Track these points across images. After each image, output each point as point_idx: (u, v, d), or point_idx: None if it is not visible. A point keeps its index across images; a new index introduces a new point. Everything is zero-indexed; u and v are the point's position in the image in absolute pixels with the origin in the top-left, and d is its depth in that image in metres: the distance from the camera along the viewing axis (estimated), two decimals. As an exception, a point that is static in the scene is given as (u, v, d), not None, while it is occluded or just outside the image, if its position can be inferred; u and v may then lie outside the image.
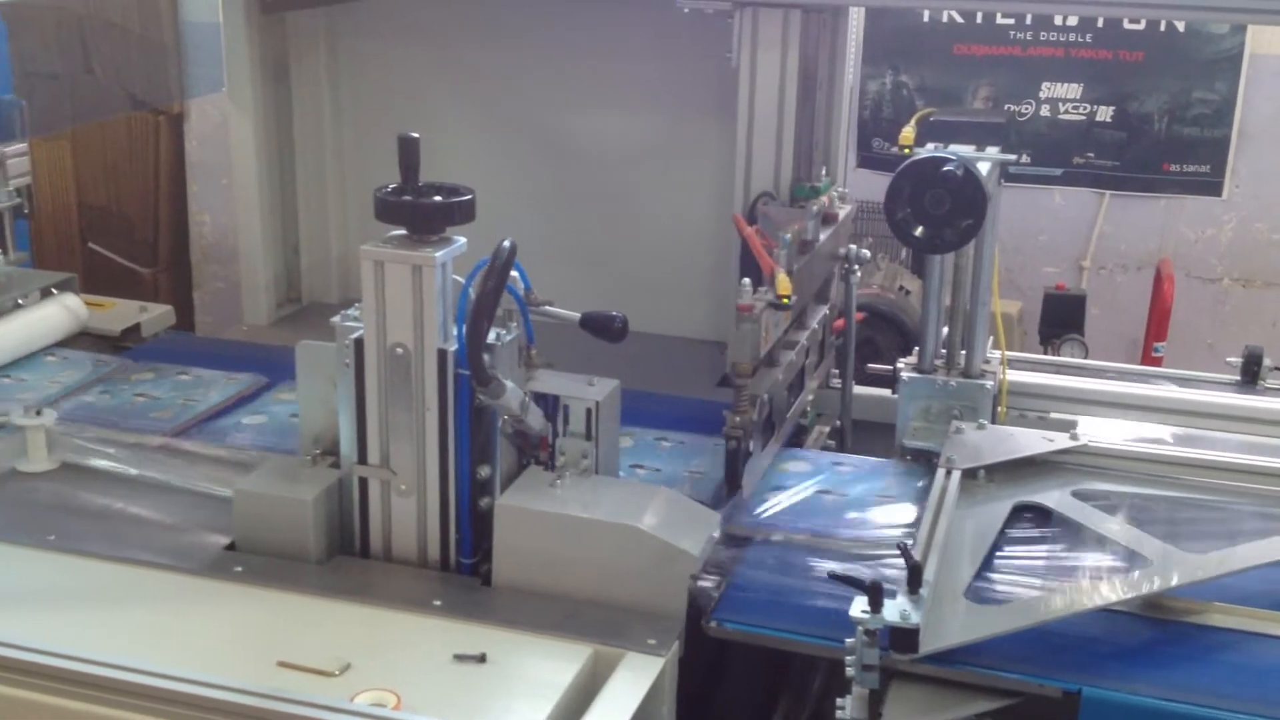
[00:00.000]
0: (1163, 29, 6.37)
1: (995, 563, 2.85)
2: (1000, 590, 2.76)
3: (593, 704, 2.38)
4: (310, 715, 2.24)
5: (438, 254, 2.67)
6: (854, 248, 3.88)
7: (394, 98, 4.91)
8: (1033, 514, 3.06)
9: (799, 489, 3.23)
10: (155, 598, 2.70)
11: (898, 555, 2.54)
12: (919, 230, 3.10)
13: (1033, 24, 6.54)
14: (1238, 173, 6.50)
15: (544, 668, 2.47)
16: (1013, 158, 3.35)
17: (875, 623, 2.38)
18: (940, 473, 3.08)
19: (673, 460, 3.40)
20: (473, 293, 2.66)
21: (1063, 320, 6.08)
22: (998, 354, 3.51)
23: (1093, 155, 6.65)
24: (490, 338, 2.68)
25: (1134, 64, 6.48)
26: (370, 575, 2.82)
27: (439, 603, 2.69)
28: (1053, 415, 3.53)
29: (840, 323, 4.02)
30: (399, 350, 2.73)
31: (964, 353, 3.47)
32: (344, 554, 2.88)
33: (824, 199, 3.89)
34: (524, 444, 2.89)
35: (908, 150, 3.29)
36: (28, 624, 2.53)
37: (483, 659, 2.47)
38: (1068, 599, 2.64)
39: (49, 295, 4.16)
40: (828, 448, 3.83)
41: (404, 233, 2.72)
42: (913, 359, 3.51)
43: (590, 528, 2.71)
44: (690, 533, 2.77)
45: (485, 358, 2.64)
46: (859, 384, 4.04)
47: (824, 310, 3.97)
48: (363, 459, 2.83)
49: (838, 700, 2.46)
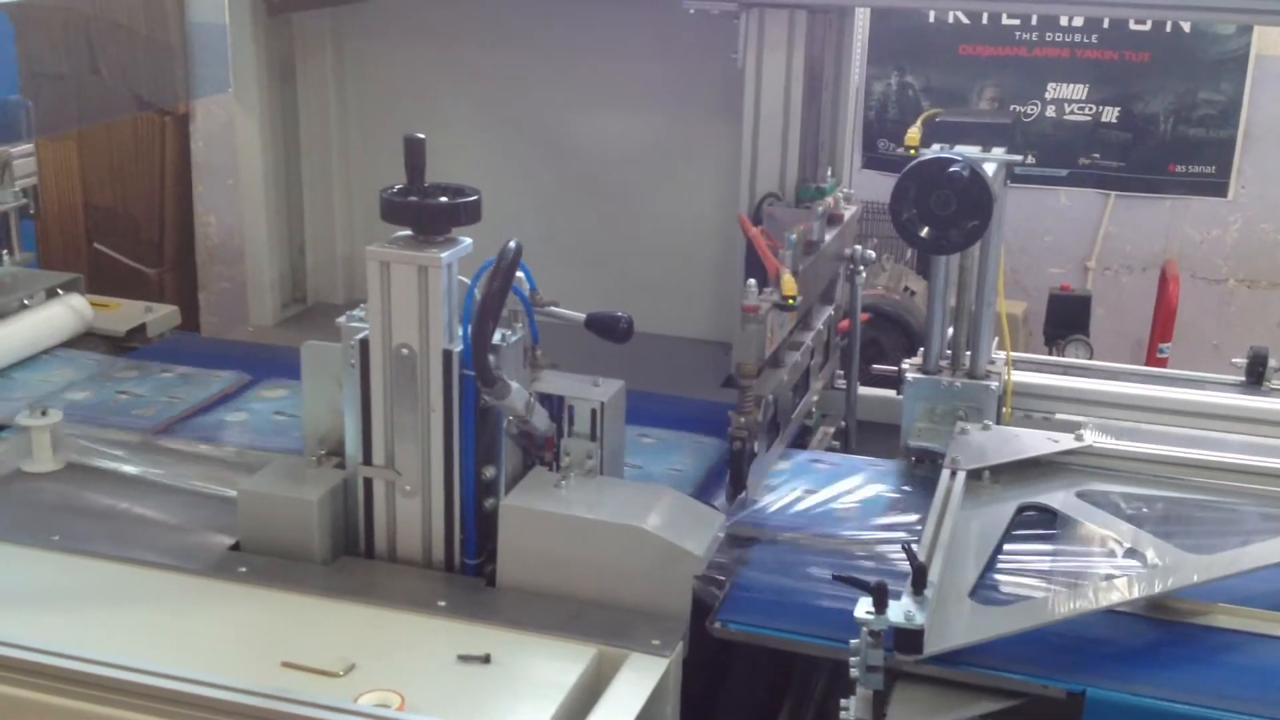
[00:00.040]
0: (1168, 30, 6.36)
1: (1000, 564, 2.84)
2: (1005, 591, 2.76)
3: (597, 704, 2.38)
4: (314, 716, 2.24)
5: (443, 255, 2.67)
6: (859, 248, 3.88)
7: (400, 98, 4.91)
8: (1037, 515, 3.06)
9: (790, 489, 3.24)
10: (160, 598, 2.70)
11: (902, 555, 2.54)
12: (925, 231, 3.09)
13: (1038, 25, 6.53)
14: (1243, 173, 6.48)
15: (548, 668, 2.47)
16: (1019, 159, 3.34)
17: (880, 623, 2.38)
18: (945, 474, 3.07)
19: (653, 457, 3.39)
20: (478, 293, 2.66)
21: (1068, 321, 6.06)
22: (1003, 355, 3.50)
23: (1098, 156, 6.64)
24: (495, 338, 2.68)
25: (1140, 65, 6.47)
26: (375, 576, 2.82)
27: (443, 603, 2.69)
28: (1058, 416, 3.53)
29: (845, 323, 4.02)
30: (404, 351, 2.73)
31: (969, 353, 3.47)
32: (349, 554, 2.89)
33: (829, 200, 3.89)
34: (529, 444, 2.89)
35: (913, 151, 3.28)
36: (32, 624, 2.53)
37: (487, 659, 2.47)
38: (1072, 600, 2.63)
39: (55, 296, 4.16)
40: (833, 448, 3.83)
41: (409, 233, 2.73)
42: (918, 360, 3.50)
43: (595, 528, 2.71)
44: (695, 533, 2.78)
45: (490, 358, 2.64)
46: (864, 385, 4.04)
47: (829, 311, 3.97)
48: (368, 459, 2.83)
49: (842, 701, 2.45)
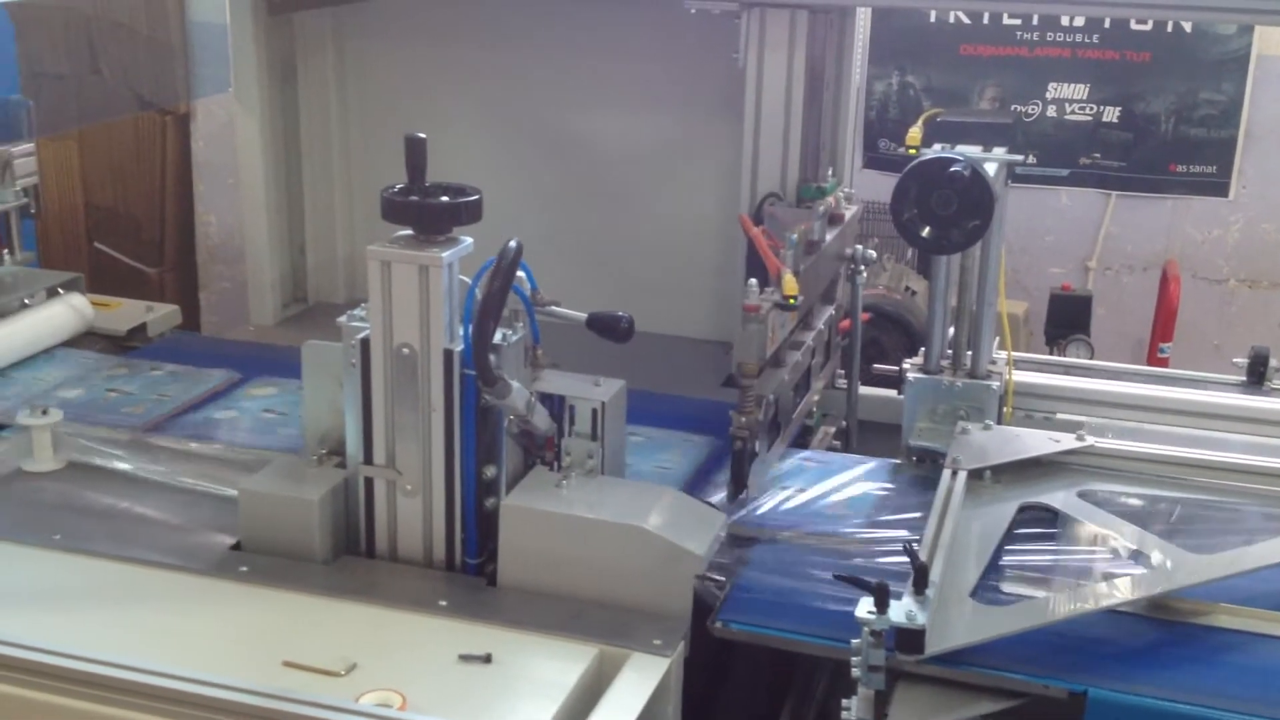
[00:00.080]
0: (1170, 30, 6.35)
1: (1001, 563, 2.84)
2: (1006, 591, 2.75)
3: (598, 704, 2.37)
4: (316, 715, 2.24)
5: (444, 254, 2.67)
6: (860, 248, 3.88)
7: (401, 98, 4.90)
8: (1039, 515, 3.05)
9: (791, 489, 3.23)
10: (161, 597, 2.70)
11: (903, 555, 2.54)
12: (926, 231, 3.09)
13: (1039, 24, 6.53)
14: (1244, 173, 6.48)
15: (549, 668, 2.47)
16: (1020, 158, 3.34)
17: (881, 623, 2.37)
18: (946, 473, 3.07)
19: (641, 455, 3.36)
20: (479, 293, 2.66)
21: (1069, 321, 6.07)
22: (1004, 355, 3.50)
23: (1099, 156, 6.63)
24: (496, 338, 2.68)
25: (1141, 65, 6.47)
26: (376, 575, 2.82)
27: (444, 603, 2.69)
28: (1059, 416, 3.53)
29: (846, 323, 4.02)
30: (405, 350, 2.73)
31: (970, 353, 3.46)
32: (349, 554, 2.89)
33: (830, 199, 3.89)
34: (530, 444, 2.89)
35: (914, 151, 3.28)
36: (33, 623, 2.53)
37: (488, 659, 2.47)
38: (1074, 600, 2.63)
39: (55, 295, 4.15)
40: (834, 448, 3.83)
41: (410, 233, 2.73)
42: (919, 360, 3.50)
43: (596, 528, 2.71)
44: (696, 533, 2.78)
45: (491, 358, 2.64)
46: (865, 385, 4.04)
47: (830, 311, 3.97)
48: (368, 459, 2.83)
49: (843, 701, 2.45)
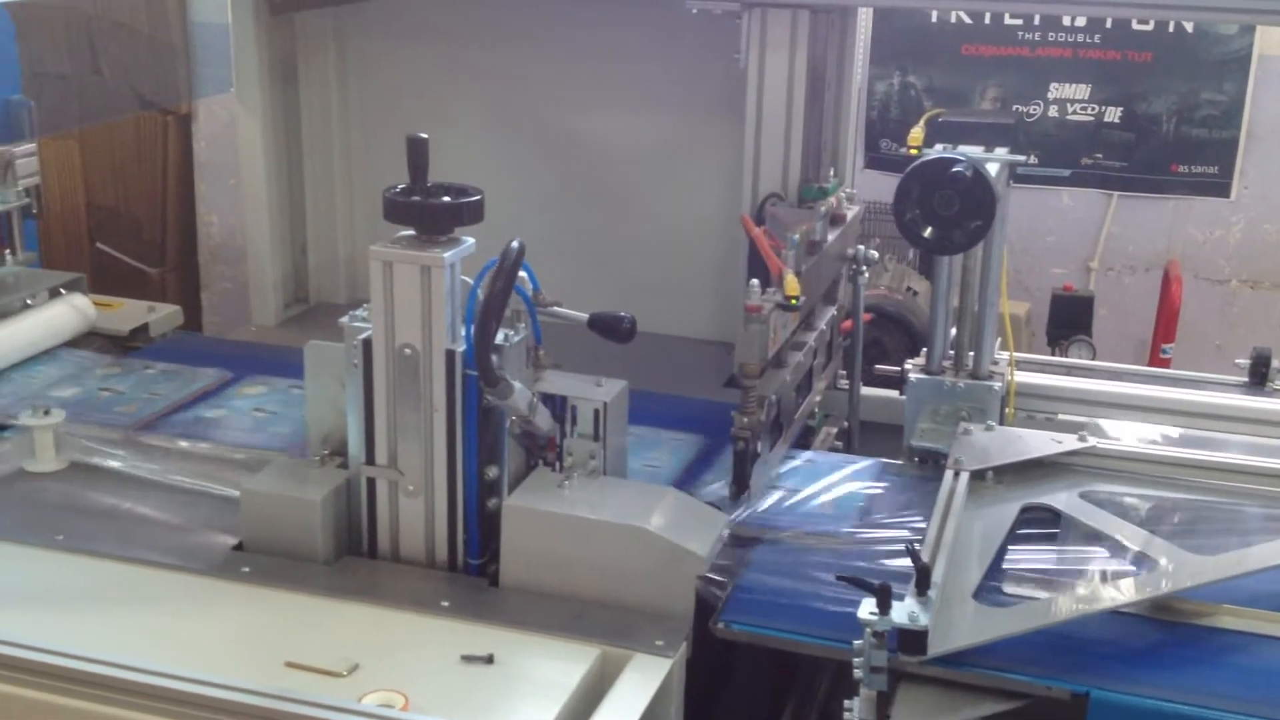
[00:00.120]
0: (1171, 30, 6.36)
1: (1003, 564, 2.84)
2: (1008, 592, 2.75)
3: (600, 705, 2.37)
4: (318, 716, 2.24)
5: (446, 254, 2.67)
6: (862, 249, 3.88)
7: (402, 98, 4.90)
8: (1041, 515, 3.05)
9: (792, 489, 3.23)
10: (163, 598, 2.70)
11: (905, 556, 2.54)
12: (928, 231, 3.09)
13: (1041, 25, 6.53)
14: (1246, 174, 6.48)
15: (551, 668, 2.47)
16: (1022, 159, 3.34)
17: (883, 624, 2.37)
18: (948, 474, 3.07)
19: (629, 453, 3.34)
20: (481, 293, 2.66)
21: (1070, 321, 6.07)
22: (1006, 355, 3.50)
23: (1101, 156, 6.63)
24: (498, 338, 2.68)
25: (1142, 65, 6.47)
26: (378, 576, 2.82)
27: (446, 603, 2.69)
28: (1061, 417, 3.52)
29: (848, 324, 4.02)
30: (407, 351, 2.73)
31: (972, 354, 3.46)
32: (352, 554, 2.89)
33: (832, 200, 3.89)
34: (532, 445, 2.89)
35: (916, 151, 3.28)
36: (35, 624, 2.53)
37: (490, 660, 2.47)
38: (1076, 601, 2.63)
39: (57, 295, 4.16)
40: (835, 449, 3.83)
41: (412, 233, 2.73)
42: (920, 360, 3.50)
43: (598, 529, 2.71)
44: (698, 533, 2.77)
45: (493, 358, 2.64)
46: (867, 385, 4.04)
47: (832, 311, 3.97)
48: (370, 459, 2.83)
49: (845, 702, 2.45)
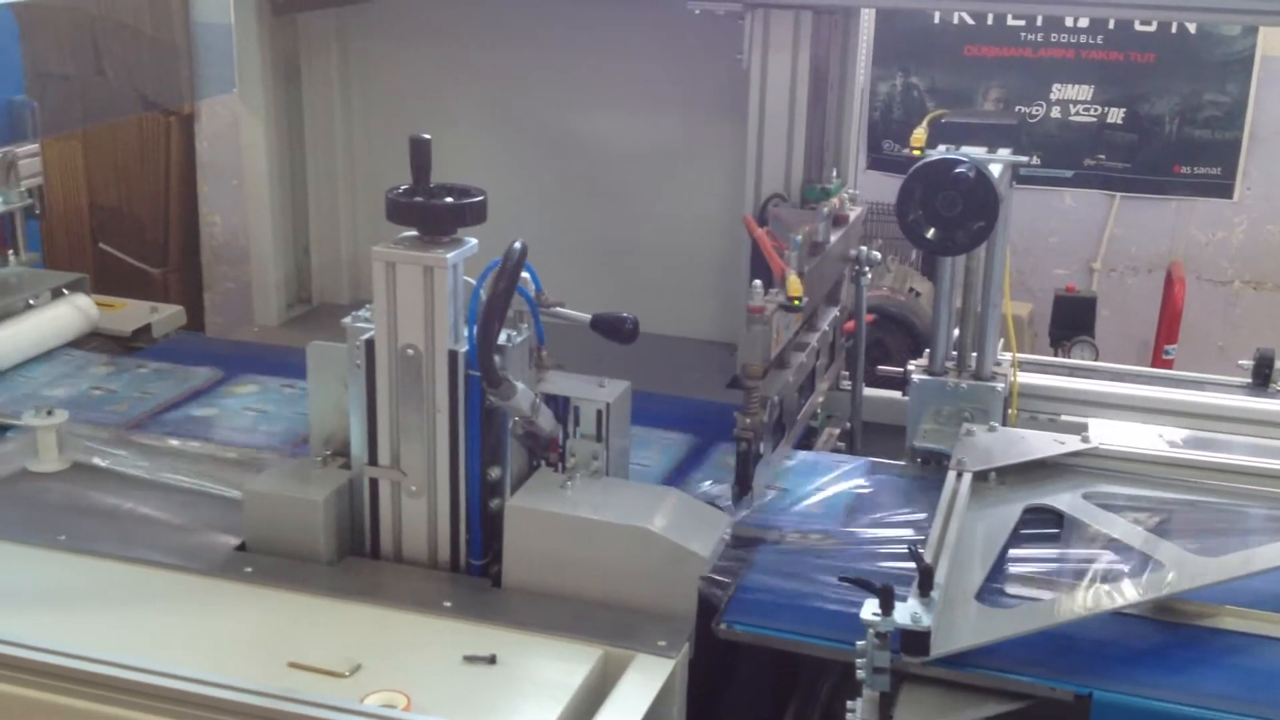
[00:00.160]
0: (1174, 31, 6.36)
1: (1006, 565, 2.84)
2: (1011, 593, 2.75)
3: (603, 705, 2.37)
4: (320, 716, 2.24)
5: (449, 255, 2.67)
6: (864, 249, 3.88)
7: (405, 99, 4.91)
8: (1044, 516, 3.05)
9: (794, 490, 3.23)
10: (166, 598, 2.71)
11: (908, 557, 2.53)
12: (931, 232, 3.09)
13: (1043, 26, 6.53)
14: (1249, 175, 6.48)
15: (554, 669, 2.47)
16: (1025, 160, 3.33)
17: (886, 625, 2.37)
18: (951, 475, 3.07)
19: None
20: (484, 294, 2.66)
21: (1073, 322, 6.07)
22: (1008, 356, 3.50)
23: (1104, 157, 6.63)
24: (501, 339, 2.68)
25: (1145, 66, 6.47)
26: (380, 576, 2.82)
27: (449, 604, 2.69)
28: (1064, 418, 3.52)
29: (851, 325, 4.02)
30: (410, 351, 2.73)
31: (975, 355, 3.46)
32: (354, 555, 2.89)
33: (835, 201, 3.89)
34: (534, 445, 2.89)
35: (919, 152, 3.28)
36: (38, 624, 2.53)
37: (493, 660, 2.47)
38: (1079, 602, 2.63)
39: (60, 295, 4.16)
40: (838, 450, 3.83)
41: (415, 234, 2.73)
42: (923, 361, 3.50)
43: (600, 529, 2.71)
44: (700, 534, 2.77)
45: (496, 359, 2.64)
46: (869, 386, 4.04)
47: (834, 312, 3.97)
48: (373, 460, 2.83)
49: (848, 703, 2.45)
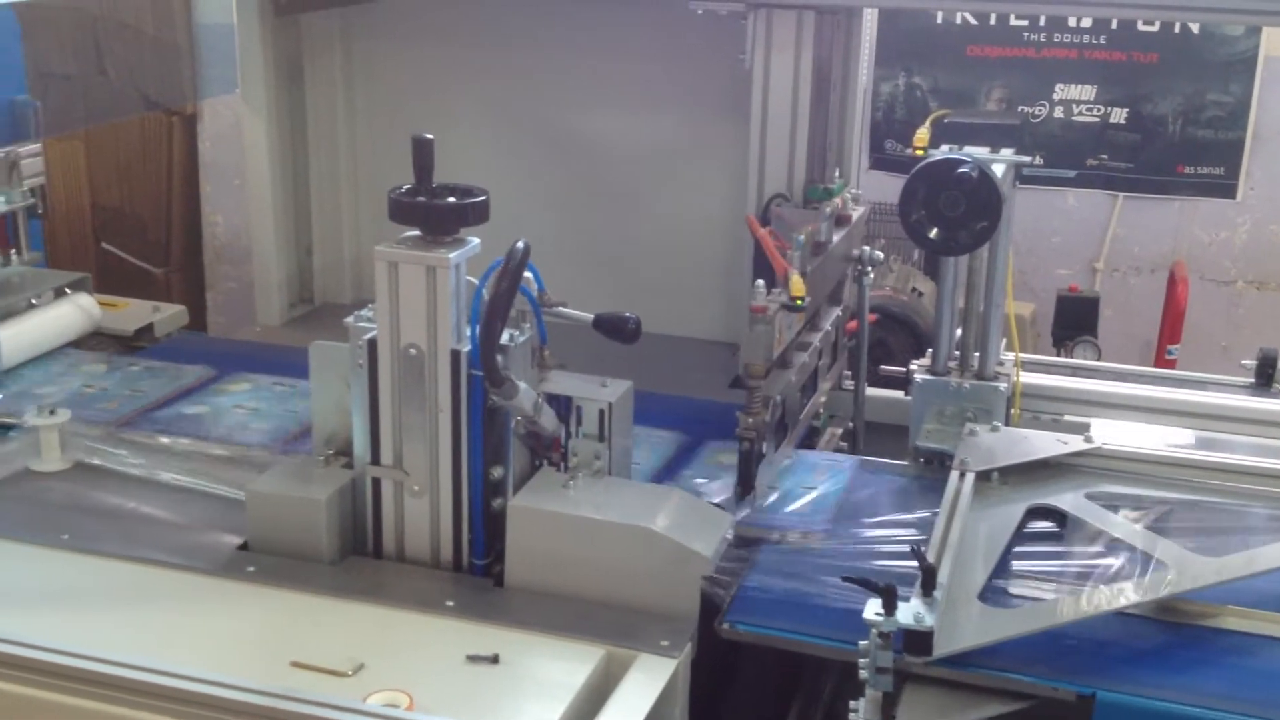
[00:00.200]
0: (1177, 31, 6.35)
1: (1009, 565, 2.84)
2: (1014, 593, 2.75)
3: (605, 705, 2.37)
4: (323, 715, 2.24)
5: (452, 255, 2.67)
6: (867, 249, 3.88)
7: (408, 99, 4.91)
8: (1047, 516, 3.05)
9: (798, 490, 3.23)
10: (168, 597, 2.70)
11: (911, 556, 2.53)
12: (934, 232, 3.09)
13: (1046, 25, 6.53)
14: (1252, 175, 6.48)
15: (557, 669, 2.47)
16: (1028, 160, 3.33)
17: (889, 625, 2.37)
18: (954, 475, 3.07)
19: None
20: (486, 294, 2.65)
21: (1076, 322, 6.07)
22: (1011, 356, 3.50)
23: (1106, 157, 6.63)
24: (504, 339, 2.68)
25: (1148, 66, 6.47)
26: (383, 576, 2.82)
27: (452, 603, 2.69)
28: (1066, 418, 3.52)
29: (853, 324, 4.02)
30: (412, 351, 2.73)
31: (977, 355, 3.46)
32: (357, 554, 2.88)
33: (837, 200, 3.89)
34: (537, 445, 2.89)
35: (921, 152, 3.28)
36: (42, 623, 2.53)
37: (495, 660, 2.47)
38: (1082, 602, 2.63)
39: (62, 295, 4.16)
40: (840, 450, 3.83)
41: (418, 234, 2.72)
42: (926, 361, 3.50)
43: (603, 529, 2.71)
44: (703, 534, 2.77)
45: (499, 359, 2.64)
46: (872, 386, 4.04)
47: (837, 312, 3.97)
48: (376, 459, 2.83)
49: (851, 703, 2.45)
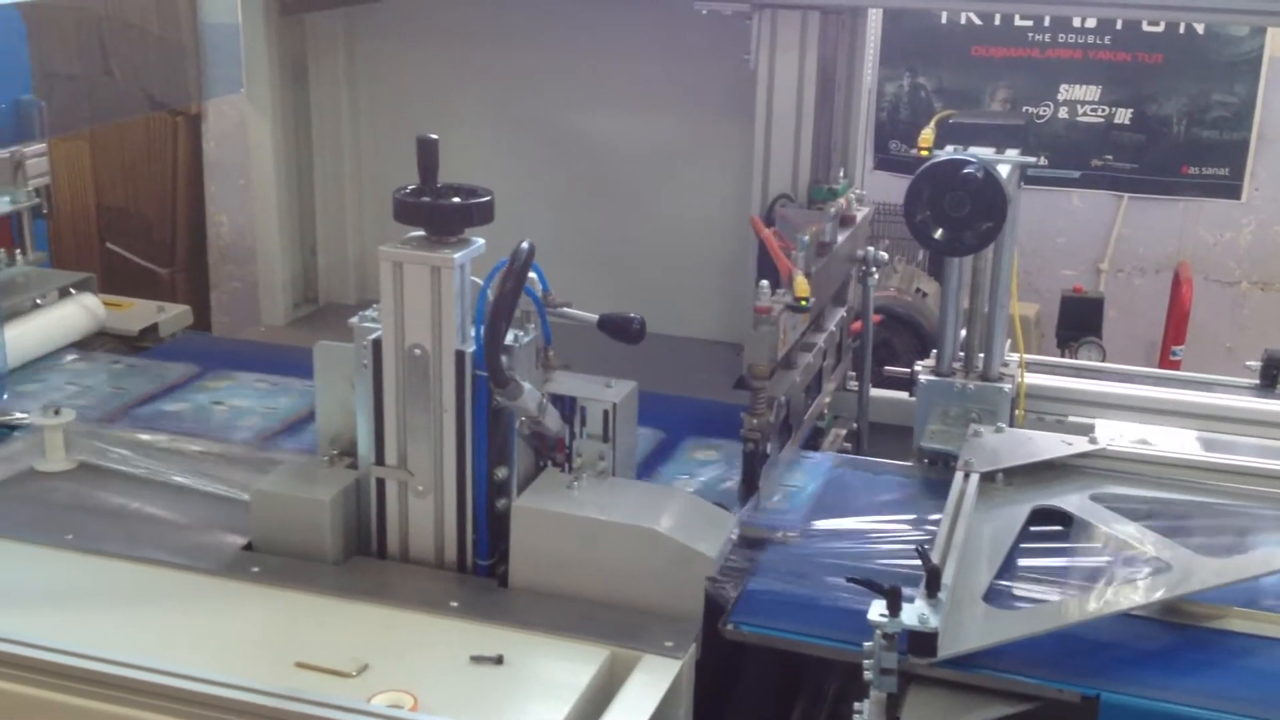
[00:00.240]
0: (1182, 31, 6.34)
1: (1014, 566, 2.83)
2: (1019, 594, 2.74)
3: (610, 706, 2.37)
4: (327, 716, 2.25)
5: (456, 255, 2.67)
6: (871, 250, 3.87)
7: (412, 99, 4.91)
8: (1051, 518, 3.05)
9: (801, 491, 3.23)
10: (173, 598, 2.71)
11: (916, 557, 2.53)
12: (939, 233, 3.08)
13: (1051, 26, 6.52)
14: (1257, 176, 6.46)
15: (561, 669, 2.47)
16: (1033, 160, 3.33)
17: (893, 626, 2.37)
18: (958, 476, 3.06)
19: None
20: (491, 294, 2.66)
21: (1080, 323, 6.05)
22: (1016, 357, 3.50)
23: (1111, 158, 6.62)
24: (508, 339, 2.68)
25: (1153, 66, 6.46)
26: (387, 576, 2.82)
27: (456, 604, 2.69)
28: (1071, 419, 3.52)
29: (857, 325, 4.01)
30: (417, 351, 2.73)
31: (982, 355, 3.45)
32: (361, 555, 2.89)
33: (842, 201, 3.89)
34: (541, 445, 2.89)
35: (926, 152, 3.27)
36: (46, 623, 2.53)
37: (500, 660, 2.47)
38: (1086, 603, 2.62)
39: (67, 295, 4.17)
40: (845, 450, 3.82)
41: (422, 234, 2.73)
42: (930, 362, 3.49)
43: (607, 529, 2.71)
44: (707, 535, 2.77)
45: (503, 359, 2.64)
46: (876, 387, 4.03)
47: (841, 312, 3.97)
48: (380, 460, 2.83)
49: (855, 704, 2.45)
